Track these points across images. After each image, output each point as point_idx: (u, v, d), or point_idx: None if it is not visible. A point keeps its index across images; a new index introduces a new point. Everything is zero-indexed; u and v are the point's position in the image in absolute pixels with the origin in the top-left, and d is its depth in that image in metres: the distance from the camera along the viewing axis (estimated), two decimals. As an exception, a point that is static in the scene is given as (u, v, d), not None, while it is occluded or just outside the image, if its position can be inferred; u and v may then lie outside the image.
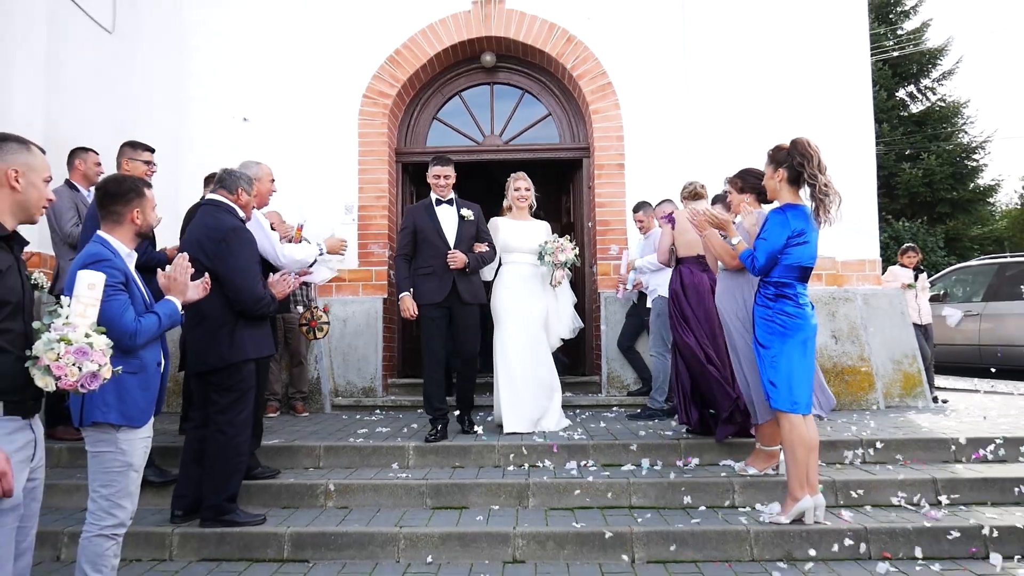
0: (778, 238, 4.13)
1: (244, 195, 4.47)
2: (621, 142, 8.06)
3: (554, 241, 6.01)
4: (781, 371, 4.14)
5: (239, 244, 4.23)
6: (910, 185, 22.44)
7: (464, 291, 5.73)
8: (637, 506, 4.61)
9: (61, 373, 2.41)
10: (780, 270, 4.16)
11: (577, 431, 5.86)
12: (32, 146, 2.61)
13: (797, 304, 4.17)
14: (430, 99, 8.75)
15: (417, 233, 5.78)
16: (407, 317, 5.79)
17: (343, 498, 4.74)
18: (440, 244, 5.72)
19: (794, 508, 4.18)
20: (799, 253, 4.15)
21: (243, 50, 8.09)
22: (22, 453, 2.46)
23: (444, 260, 5.65)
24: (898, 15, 25.13)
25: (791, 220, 4.15)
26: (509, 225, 6.21)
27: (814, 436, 4.21)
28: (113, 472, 2.98)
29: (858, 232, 7.49)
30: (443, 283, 5.67)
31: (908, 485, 4.65)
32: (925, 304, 8.55)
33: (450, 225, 5.80)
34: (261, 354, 4.38)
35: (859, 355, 7.38)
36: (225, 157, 6.60)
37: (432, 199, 5.92)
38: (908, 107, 24.95)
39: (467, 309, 5.78)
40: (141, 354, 3.05)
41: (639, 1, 8.09)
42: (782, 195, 4.28)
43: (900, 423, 6.12)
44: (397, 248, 6.02)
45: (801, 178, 4.17)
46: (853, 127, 7.78)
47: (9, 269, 2.44)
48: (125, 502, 3.02)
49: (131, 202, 3.16)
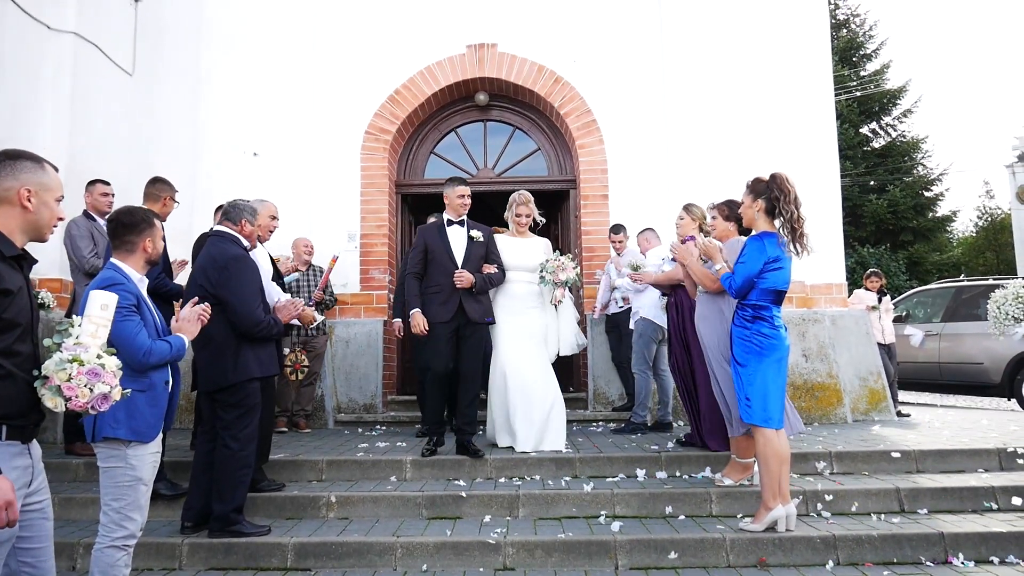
0: (755, 263, 4.16)
1: (247, 225, 4.51)
2: (605, 175, 8.11)
3: (555, 260, 5.68)
4: (756, 388, 4.14)
5: (239, 271, 4.24)
6: (876, 215, 22.63)
7: (471, 311, 5.45)
8: (621, 515, 4.57)
9: (72, 394, 2.24)
10: (757, 293, 4.19)
11: (565, 445, 5.81)
12: (45, 164, 2.41)
13: (772, 326, 4.19)
14: (428, 135, 8.80)
15: (428, 252, 5.52)
16: (417, 333, 5.44)
17: (344, 509, 4.70)
18: (448, 264, 5.46)
19: (767, 517, 4.16)
20: (775, 278, 4.19)
21: (254, 90, 8.13)
22: (20, 480, 2.23)
23: (452, 279, 5.39)
24: (860, 58, 25.48)
25: (767, 247, 4.18)
26: (508, 243, 5.86)
27: (786, 449, 4.20)
28: (123, 486, 2.95)
29: (826, 258, 7.51)
30: (450, 302, 5.41)
31: (873, 495, 4.64)
32: (888, 324, 8.57)
33: (459, 245, 5.55)
34: (265, 373, 4.36)
35: (828, 372, 7.39)
36: (237, 189, 6.65)
37: (443, 220, 5.66)
38: (871, 143, 25.22)
39: (473, 328, 5.49)
40: (150, 373, 3.03)
41: (622, 44, 8.18)
42: (758, 224, 4.32)
43: (866, 436, 6.10)
44: (408, 266, 5.70)
45: (776, 210, 4.22)
46: (820, 160, 7.87)
47: (20, 290, 2.24)
48: (135, 515, 2.98)
49: (144, 232, 3.17)
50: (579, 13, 8.23)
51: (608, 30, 8.20)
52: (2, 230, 2.25)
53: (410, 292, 5.52)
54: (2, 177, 2.28)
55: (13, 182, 2.28)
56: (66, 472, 5.30)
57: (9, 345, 2.18)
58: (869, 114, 25.00)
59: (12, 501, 2.06)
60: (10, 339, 2.19)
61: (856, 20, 26.20)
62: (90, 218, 5.73)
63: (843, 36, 25.31)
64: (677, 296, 5.66)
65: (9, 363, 2.18)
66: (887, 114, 25.41)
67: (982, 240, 30.18)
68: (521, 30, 8.26)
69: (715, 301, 4.82)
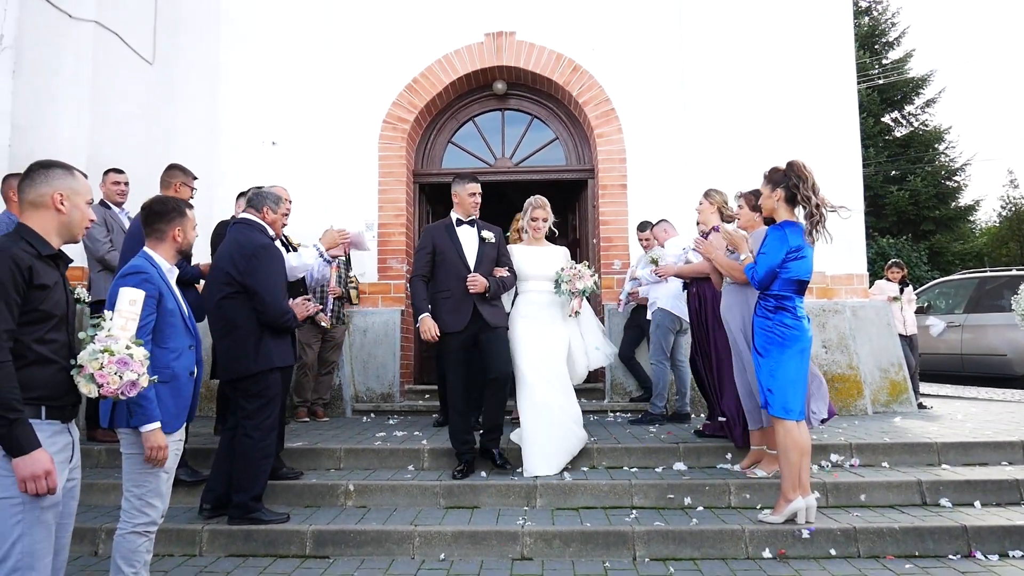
0: (777, 253, 4.11)
1: (270, 213, 4.51)
2: (624, 164, 8.05)
3: (571, 268, 5.21)
4: (778, 379, 4.10)
5: (268, 260, 4.25)
6: (898, 205, 22.35)
7: (489, 315, 5.02)
8: (639, 506, 4.56)
9: (104, 381, 2.47)
10: (779, 283, 4.15)
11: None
12: (75, 171, 2.66)
13: (795, 316, 4.14)
14: (445, 124, 8.77)
15: (436, 254, 5.08)
16: (428, 340, 4.99)
17: (362, 498, 4.71)
18: (460, 266, 5.03)
19: (787, 508, 4.13)
20: (797, 268, 4.14)
21: (272, 79, 8.15)
22: (62, 455, 2.49)
23: (464, 284, 4.97)
24: (883, 45, 25.10)
25: (789, 237, 4.13)
26: (524, 252, 5.41)
27: (806, 440, 4.16)
28: (145, 473, 2.97)
29: (846, 248, 7.44)
30: (463, 308, 4.96)
31: (894, 487, 4.60)
32: (910, 316, 8.46)
33: (471, 247, 5.12)
34: (285, 363, 4.37)
35: (848, 363, 7.30)
36: (255, 179, 6.66)
37: (452, 219, 5.24)
38: (893, 132, 24.88)
39: (494, 332, 5.04)
40: (172, 364, 3.04)
41: (640, 32, 8.10)
42: (779, 213, 4.27)
43: (887, 428, 6.04)
44: (415, 268, 5.18)
45: (797, 197, 4.16)
46: (842, 149, 7.74)
47: (56, 285, 2.49)
48: (156, 501, 3.01)
49: (173, 221, 3.18)
50: (597, 1, 8.15)
51: (627, 18, 8.12)
52: (39, 231, 2.51)
53: (417, 296, 5.09)
54: (37, 184, 2.53)
55: (47, 188, 2.53)
56: (88, 458, 5.29)
57: (44, 334, 2.43)
58: (891, 103, 24.65)
59: (51, 470, 2.33)
60: (45, 329, 2.43)
61: (879, 7, 25.79)
62: (105, 206, 5.77)
63: (865, 23, 24.94)
64: (699, 286, 5.61)
65: (46, 350, 2.43)
66: (910, 103, 25.05)
67: (1005, 230, 29.73)
68: (539, 18, 8.20)
69: (742, 291, 4.76)
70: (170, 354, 3.03)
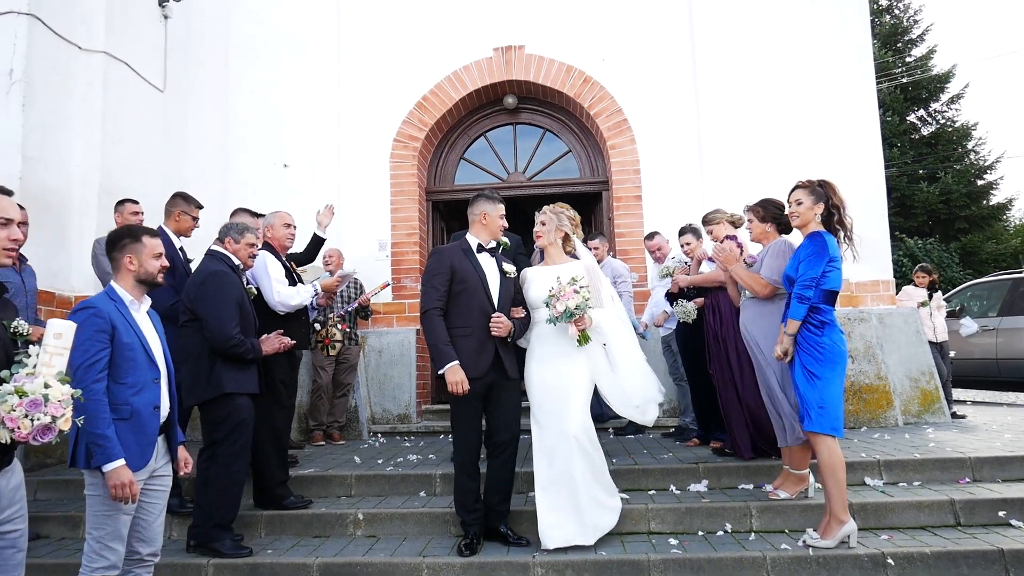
0: (820, 263, 3.97)
1: (231, 243, 4.52)
2: (638, 175, 7.91)
3: (557, 287, 4.10)
4: (829, 396, 3.92)
5: (216, 287, 4.23)
6: (927, 204, 21.84)
7: (509, 364, 4.22)
8: (655, 532, 4.39)
9: (14, 425, 2.25)
10: (817, 294, 3.98)
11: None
12: None
13: (840, 331, 4.02)
14: (457, 140, 8.70)
15: (455, 283, 4.18)
16: (457, 393, 4.04)
17: (371, 527, 4.60)
18: (484, 300, 4.18)
19: (840, 531, 3.92)
20: (834, 279, 4.02)
21: (282, 102, 8.16)
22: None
23: (487, 322, 4.14)
24: (905, 43, 24.66)
25: (830, 245, 4.00)
26: (532, 275, 4.41)
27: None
28: (104, 515, 2.85)
29: (871, 254, 7.21)
30: (484, 351, 4.14)
31: (925, 507, 4.37)
32: (940, 322, 8.18)
33: (494, 280, 4.27)
34: (241, 390, 4.23)
35: (876, 373, 7.05)
36: (268, 201, 6.64)
37: (472, 244, 4.34)
38: (919, 130, 24.38)
39: (509, 385, 4.25)
40: (132, 400, 2.91)
41: (651, 41, 7.97)
42: (812, 226, 4.15)
43: (918, 442, 5.78)
44: (429, 300, 4.17)
45: (836, 218, 4.11)
46: (863, 153, 7.50)
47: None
48: (116, 544, 2.88)
49: (125, 249, 3.07)
50: (606, 11, 8.04)
51: (636, 26, 8.00)
52: None
53: (438, 336, 4.10)
54: None
55: None
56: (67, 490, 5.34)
57: None
58: (916, 101, 24.15)
59: None
60: None
61: (900, 5, 25.34)
62: (120, 237, 5.75)
63: (887, 22, 24.51)
64: (714, 297, 5.43)
65: None
66: (935, 100, 24.53)
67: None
68: (548, 31, 8.11)
69: (763, 303, 4.60)
70: (128, 389, 2.91)
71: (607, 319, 4.27)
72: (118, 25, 7.11)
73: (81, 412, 2.61)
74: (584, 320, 4.04)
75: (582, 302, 3.97)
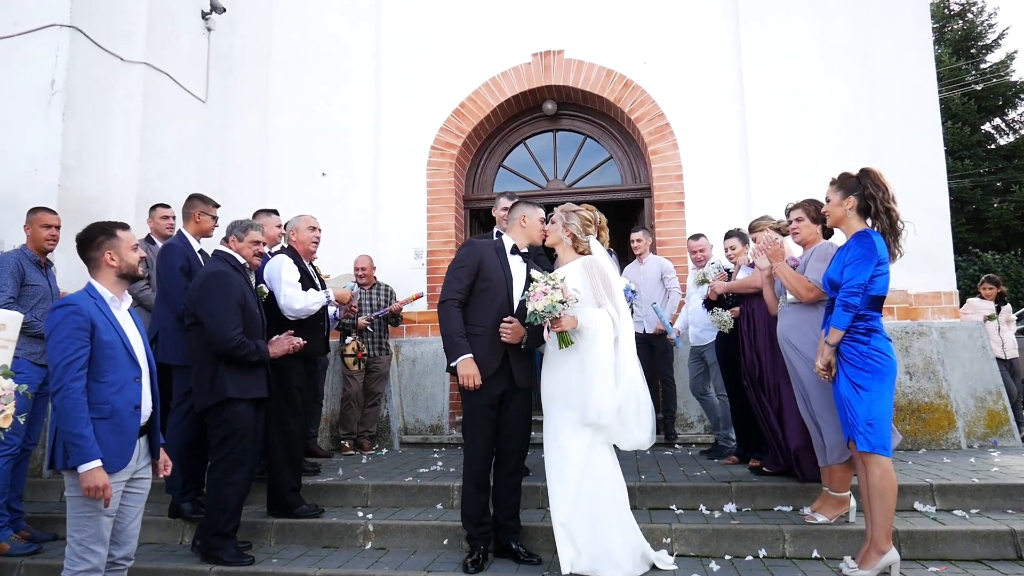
0: (868, 266, 3.57)
1: (235, 242, 4.41)
2: (680, 181, 7.61)
3: (532, 286, 3.78)
4: (877, 411, 3.53)
5: (214, 288, 4.11)
6: (1002, 218, 20.69)
7: (518, 372, 4.01)
8: (680, 554, 4.08)
9: None
10: (864, 301, 3.60)
11: (628, 473, 5.26)
12: None
13: (887, 339, 3.62)
14: (496, 148, 8.56)
15: (479, 280, 4.00)
16: (469, 388, 3.86)
17: (381, 538, 4.42)
18: (504, 302, 4.01)
19: (880, 562, 3.55)
20: (882, 283, 3.62)
21: (321, 111, 8.17)
22: None
23: (502, 324, 3.95)
24: (980, 49, 23.53)
25: (878, 247, 3.60)
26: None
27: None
28: (85, 517, 2.76)
29: (932, 264, 6.77)
30: (494, 353, 3.95)
31: (982, 537, 3.94)
32: (1010, 337, 7.60)
33: (519, 284, 4.09)
34: (246, 395, 4.11)
35: (936, 391, 6.55)
36: (306, 209, 6.52)
37: (506, 244, 4.19)
38: (996, 140, 23.17)
39: (519, 395, 4.05)
40: (112, 398, 2.82)
41: (694, 44, 7.69)
42: (851, 224, 3.76)
43: (980, 466, 5.28)
44: (450, 290, 3.99)
45: (871, 208, 3.68)
46: (923, 158, 7.04)
47: None
48: (97, 547, 2.78)
49: (102, 245, 2.99)
50: (647, 13, 7.80)
51: (679, 28, 7.73)
52: None
53: (454, 328, 3.91)
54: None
55: None
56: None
57: None
58: (991, 110, 22.98)
59: None
60: None
61: (973, 9, 24.23)
62: (151, 242, 5.78)
63: (959, 27, 23.47)
64: (749, 304, 5.11)
65: None
66: (1013, 108, 23.28)
67: None
68: (587, 35, 7.92)
69: (805, 310, 4.25)
70: (108, 388, 2.82)
71: (597, 318, 3.75)
72: (159, 37, 7.22)
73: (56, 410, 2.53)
74: (561, 322, 3.69)
75: (549, 304, 3.62)
